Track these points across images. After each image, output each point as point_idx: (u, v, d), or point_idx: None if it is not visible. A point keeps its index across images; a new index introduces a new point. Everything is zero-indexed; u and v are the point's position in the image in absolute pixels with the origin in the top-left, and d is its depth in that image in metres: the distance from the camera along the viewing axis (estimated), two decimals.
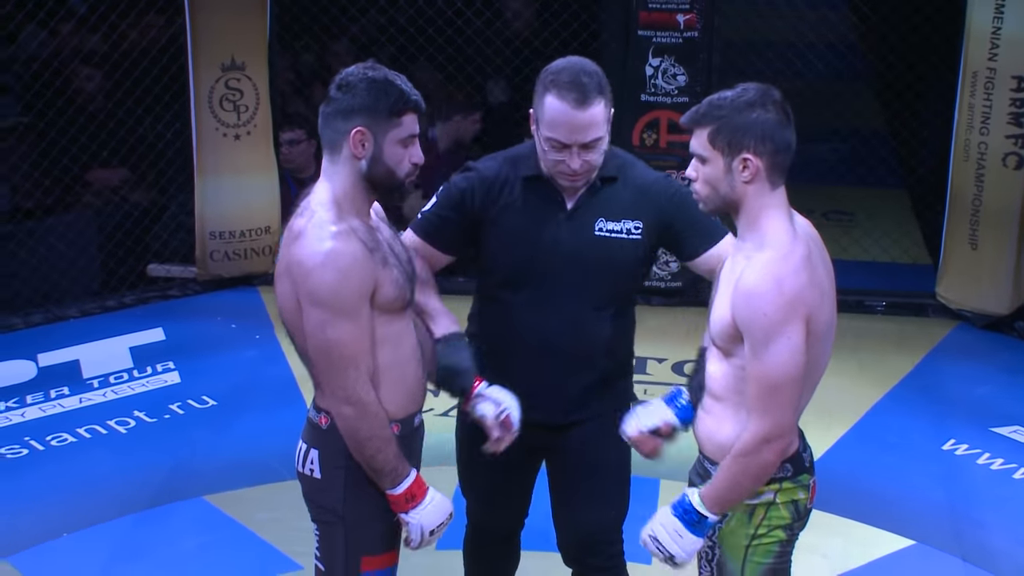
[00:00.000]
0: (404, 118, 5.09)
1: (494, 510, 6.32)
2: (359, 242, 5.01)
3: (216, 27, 10.20)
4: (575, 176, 5.53)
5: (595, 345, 5.85)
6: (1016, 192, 9.81)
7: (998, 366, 9.68)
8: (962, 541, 7.66)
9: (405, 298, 5.21)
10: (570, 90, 5.45)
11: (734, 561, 5.15)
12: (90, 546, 7.55)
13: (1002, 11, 9.57)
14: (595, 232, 5.66)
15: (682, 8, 10.00)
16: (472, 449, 6.01)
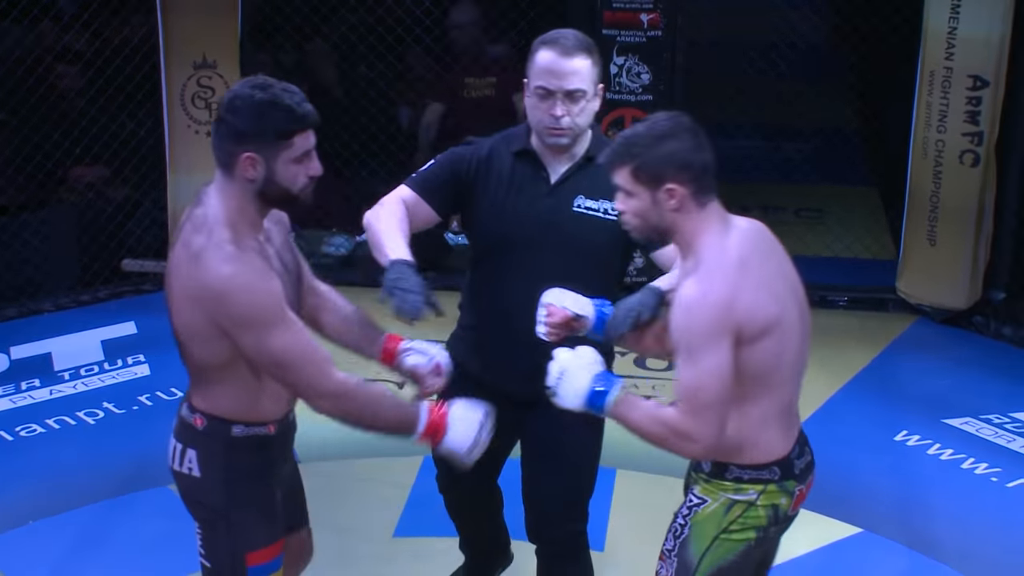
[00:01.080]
0: (295, 139, 5.13)
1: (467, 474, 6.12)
2: (255, 256, 5.13)
3: (187, 26, 10.28)
4: (559, 130, 5.70)
5: None
6: (973, 189, 9.88)
7: (954, 360, 9.80)
8: (908, 529, 7.79)
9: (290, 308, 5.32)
10: (557, 42, 5.69)
11: (697, 546, 5.26)
12: (56, 533, 7.62)
13: (958, 11, 9.66)
14: (573, 207, 5.86)
15: (645, 8, 10.08)
16: None
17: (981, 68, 9.72)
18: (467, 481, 6.44)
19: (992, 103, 9.75)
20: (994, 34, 9.64)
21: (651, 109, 10.12)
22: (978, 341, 10.12)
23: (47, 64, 11.38)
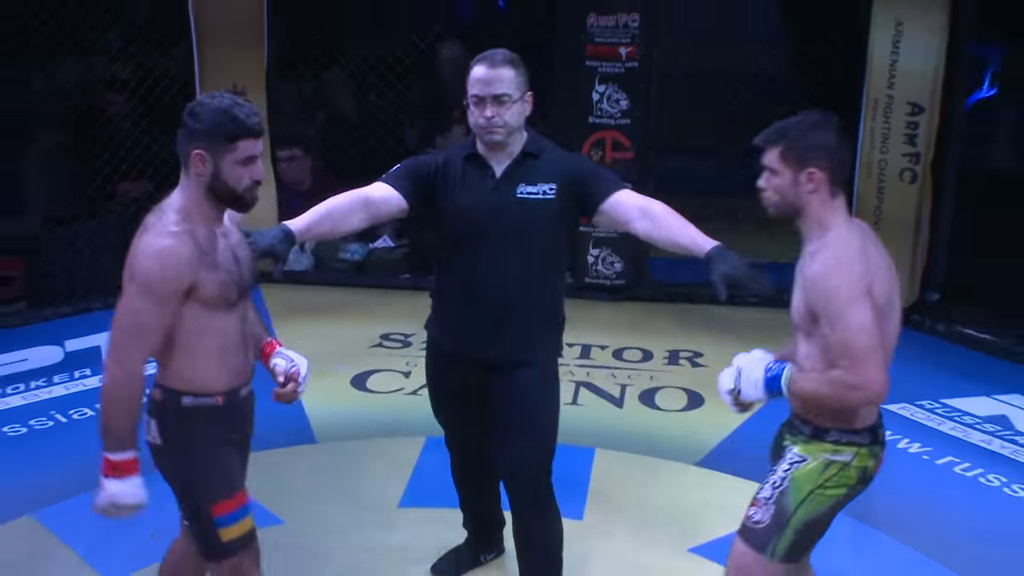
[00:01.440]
0: (239, 143, 5.24)
1: (456, 432, 6.62)
2: (191, 244, 5.19)
3: (220, 57, 10.28)
4: (491, 128, 5.91)
5: (519, 295, 6.11)
6: (911, 203, 9.98)
7: (896, 352, 9.79)
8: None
9: (230, 298, 5.37)
10: (486, 58, 5.97)
11: (795, 497, 5.38)
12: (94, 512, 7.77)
13: (898, 47, 9.76)
14: (516, 195, 5.99)
15: (623, 42, 10.12)
16: (438, 388, 6.58)
17: (918, 96, 9.80)
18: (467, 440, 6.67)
19: (928, 127, 9.83)
20: (929, 66, 9.73)
21: (629, 132, 10.44)
22: (915, 337, 10.04)
23: (98, 92, 11.45)
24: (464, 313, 6.24)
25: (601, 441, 8.33)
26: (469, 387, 6.38)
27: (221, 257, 5.32)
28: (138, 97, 11.13)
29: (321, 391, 8.77)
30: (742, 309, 10.64)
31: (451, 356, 6.39)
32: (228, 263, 5.35)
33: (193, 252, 5.17)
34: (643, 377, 9.40)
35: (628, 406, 9.01)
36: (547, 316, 6.28)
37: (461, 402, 6.50)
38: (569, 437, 7.44)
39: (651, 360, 9.69)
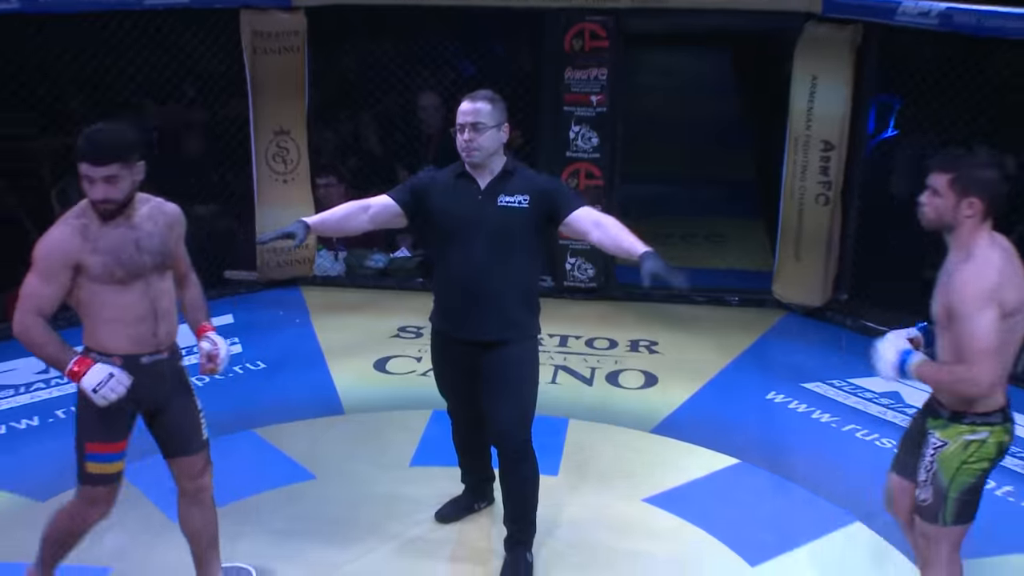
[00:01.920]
0: (79, 165, 5.41)
1: (456, 402, 6.74)
2: (75, 234, 5.46)
3: (269, 105, 10.21)
4: (469, 150, 6.12)
5: (501, 283, 6.25)
6: (824, 222, 9.92)
7: (811, 342, 9.85)
8: (772, 460, 7.89)
9: (115, 276, 5.49)
10: (469, 94, 6.19)
11: (946, 476, 5.44)
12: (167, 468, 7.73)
13: (814, 96, 9.72)
14: (498, 204, 6.15)
15: (594, 91, 10.10)
16: (439, 365, 6.69)
17: (830, 136, 9.74)
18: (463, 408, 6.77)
19: (837, 161, 9.80)
20: (838, 112, 9.70)
21: (599, 164, 10.37)
22: (828, 329, 10.12)
23: (176, 131, 11.42)
24: (457, 301, 6.37)
25: (574, 413, 8.42)
26: (463, 364, 6.48)
27: (108, 245, 5.48)
28: (208, 135, 11.17)
29: (349, 372, 9.04)
30: (689, 307, 10.53)
31: (448, 338, 6.51)
32: (118, 250, 5.50)
33: (74, 239, 5.44)
34: (609, 361, 9.39)
35: (596, 384, 9.02)
36: (523, 302, 6.36)
37: (458, 376, 6.60)
38: (548, 410, 7.84)
39: (616, 348, 9.67)
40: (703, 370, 9.26)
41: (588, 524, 7.08)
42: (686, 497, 7.41)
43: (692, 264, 11.10)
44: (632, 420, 8.43)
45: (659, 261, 5.83)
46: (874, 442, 8.22)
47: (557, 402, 8.51)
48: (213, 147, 11.05)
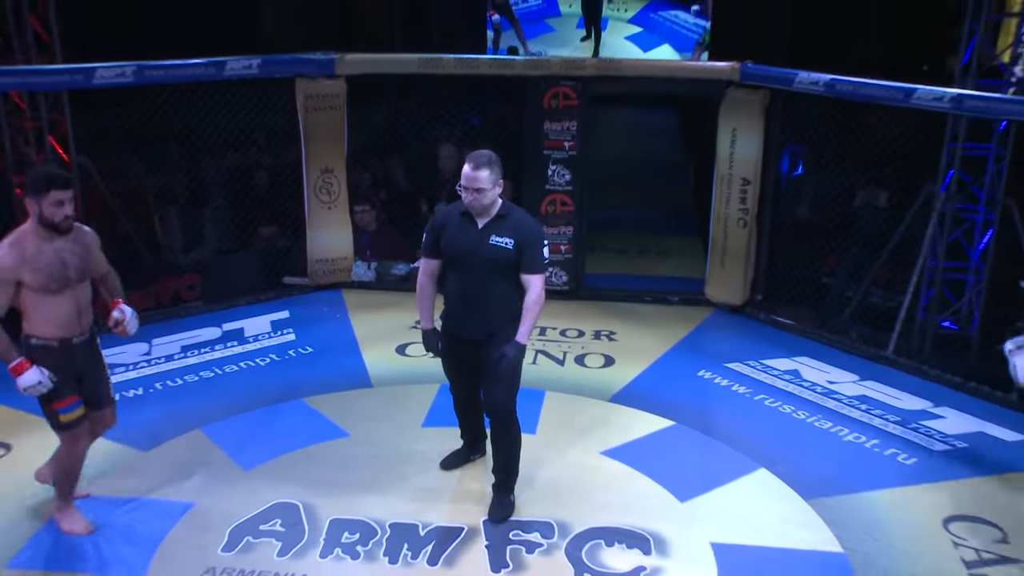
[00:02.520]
0: (51, 192, 5.72)
1: (456, 382, 6.78)
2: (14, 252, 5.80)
3: (317, 149, 10.10)
4: (472, 205, 6.17)
5: (490, 300, 6.33)
6: (743, 240, 9.82)
7: (733, 332, 9.83)
8: (701, 422, 7.91)
9: (50, 287, 5.83)
10: (472, 159, 6.13)
11: None
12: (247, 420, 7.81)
13: (735, 144, 9.65)
14: (490, 241, 6.21)
15: (567, 139, 10.01)
16: (445, 354, 6.69)
17: (747, 174, 9.71)
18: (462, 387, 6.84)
19: (753, 193, 9.71)
20: (753, 156, 9.65)
21: (570, 194, 10.23)
22: (747, 323, 10.03)
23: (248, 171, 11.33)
24: (459, 309, 6.47)
25: (549, 386, 8.42)
26: (462, 354, 6.58)
27: (45, 262, 5.82)
28: (272, 173, 11.14)
29: (376, 355, 8.96)
30: (640, 305, 10.35)
31: (452, 335, 6.59)
32: (51, 267, 5.85)
33: (13, 256, 5.78)
34: (577, 347, 9.32)
35: (567, 365, 8.96)
36: (507, 314, 6.38)
37: (458, 363, 6.69)
38: (529, 383, 7.60)
39: (583, 336, 9.57)
40: (649, 354, 9.20)
41: (558, 471, 7.14)
42: (633, 450, 7.47)
43: (643, 271, 11.20)
44: (594, 392, 8.42)
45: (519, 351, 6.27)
46: (777, 408, 8.26)
47: (536, 378, 8.50)
48: (275, 182, 11.03)
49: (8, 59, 8.89)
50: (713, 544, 6.40)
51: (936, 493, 7.06)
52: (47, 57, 9.05)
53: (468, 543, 6.38)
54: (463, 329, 6.52)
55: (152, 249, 10.72)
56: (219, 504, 6.71)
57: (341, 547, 6.33)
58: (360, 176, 11.33)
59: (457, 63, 10.08)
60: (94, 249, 6.21)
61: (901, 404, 8.36)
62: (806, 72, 9.12)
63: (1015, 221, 8.92)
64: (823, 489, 7.02)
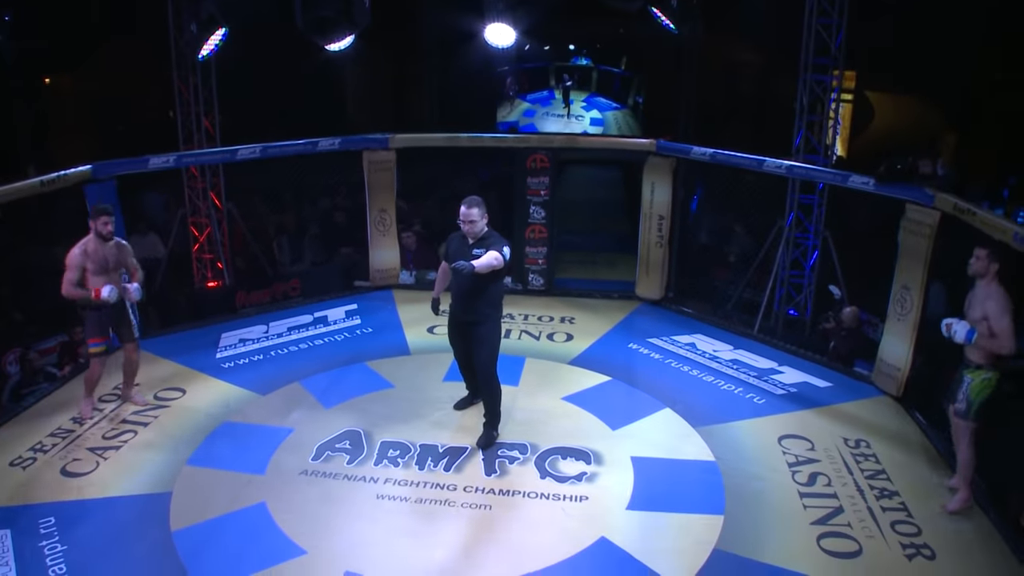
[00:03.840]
0: (101, 218, 6.53)
1: (457, 351, 6.76)
2: (81, 251, 6.52)
3: (376, 194, 10.01)
4: (468, 232, 6.29)
5: (475, 295, 6.35)
6: (660, 256, 9.74)
7: (654, 317, 9.58)
8: (627, 377, 7.88)
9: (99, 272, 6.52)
10: (464, 204, 6.26)
11: (973, 397, 5.66)
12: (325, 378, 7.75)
13: (653, 192, 9.56)
14: (473, 253, 6.23)
15: (542, 189, 9.92)
16: (450, 331, 6.69)
17: (662, 212, 9.67)
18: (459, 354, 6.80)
19: (666, 225, 9.64)
20: (665, 200, 9.55)
21: (545, 225, 10.06)
22: (662, 311, 9.76)
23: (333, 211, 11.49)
24: (456, 300, 6.49)
25: (529, 354, 8.33)
26: (460, 332, 6.64)
27: (98, 257, 6.53)
28: (347, 213, 11.15)
29: (414, 333, 8.86)
30: (592, 300, 10.04)
31: (453, 318, 6.63)
32: (102, 261, 6.55)
33: (82, 254, 6.49)
34: (548, 327, 9.12)
35: (540, 339, 8.80)
36: (488, 303, 6.42)
37: (457, 337, 6.70)
38: (514, 352, 8.01)
39: (552, 321, 9.33)
40: (597, 332, 9.07)
41: (532, 411, 7.15)
42: (583, 395, 7.47)
43: (597, 276, 11.05)
44: (559, 357, 8.32)
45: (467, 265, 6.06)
46: (679, 368, 8.19)
47: (520, 348, 8.46)
48: (350, 218, 10.95)
49: (189, 144, 9.60)
50: (632, 457, 6.47)
51: (775, 421, 7.22)
52: (211, 143, 9.68)
53: (470, 457, 6.47)
54: (460, 314, 6.53)
55: (271, 263, 10.84)
56: (309, 430, 6.82)
57: (387, 459, 6.42)
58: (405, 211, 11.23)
59: (468, 139, 10.15)
60: (127, 255, 6.83)
61: (759, 364, 8.38)
62: (699, 147, 9.19)
63: (830, 245, 9.17)
64: (704, 420, 7.08)
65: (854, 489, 6.18)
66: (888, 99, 13.50)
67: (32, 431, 6.78)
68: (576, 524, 5.67)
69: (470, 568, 5.22)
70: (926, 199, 7.31)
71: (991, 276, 5.72)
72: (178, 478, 6.08)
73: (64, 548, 5.27)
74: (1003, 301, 5.61)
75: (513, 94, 14.55)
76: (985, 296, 5.68)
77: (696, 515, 5.78)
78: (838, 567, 5.34)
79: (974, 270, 5.78)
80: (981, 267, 5.75)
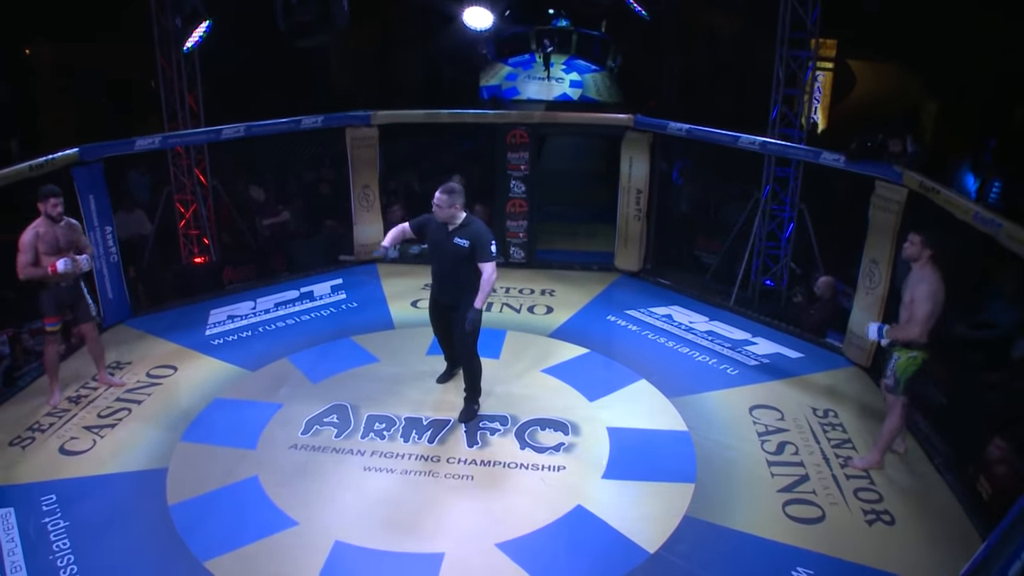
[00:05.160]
0: (50, 199, 6.54)
1: (436, 329, 6.92)
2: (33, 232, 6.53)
3: (359, 171, 10.08)
4: (437, 215, 6.38)
5: (457, 279, 6.46)
6: (638, 229, 9.94)
7: (632, 289, 9.72)
8: (605, 348, 7.96)
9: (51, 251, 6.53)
10: (440, 189, 6.33)
11: (900, 374, 5.82)
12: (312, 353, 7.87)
13: (631, 167, 9.78)
14: (453, 241, 6.37)
15: (522, 164, 10.06)
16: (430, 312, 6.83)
17: (640, 186, 9.83)
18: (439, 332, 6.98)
19: (644, 199, 9.86)
20: (643, 175, 9.79)
21: (526, 199, 10.23)
22: (640, 283, 9.91)
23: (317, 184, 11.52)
24: (436, 283, 6.64)
25: (509, 326, 8.47)
26: (439, 312, 6.79)
27: (50, 237, 6.53)
28: (332, 186, 11.17)
29: (398, 307, 8.99)
30: (571, 272, 10.17)
31: (433, 300, 6.80)
32: (53, 241, 6.55)
33: (34, 236, 6.51)
34: (529, 300, 9.26)
35: (522, 312, 8.92)
36: (466, 287, 6.48)
37: (436, 318, 6.87)
38: (495, 325, 8.14)
39: (533, 293, 9.47)
40: (576, 304, 9.17)
41: (512, 383, 7.31)
42: (562, 367, 7.60)
43: (578, 248, 11.05)
44: (539, 330, 8.43)
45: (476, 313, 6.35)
46: (655, 340, 8.32)
47: (501, 321, 8.57)
48: (335, 191, 10.95)
49: (174, 123, 9.58)
50: (608, 427, 6.64)
51: (747, 392, 7.39)
52: (196, 122, 9.72)
53: (453, 430, 6.64)
54: (440, 296, 6.67)
55: (256, 237, 10.89)
56: (298, 405, 6.95)
57: (374, 432, 6.58)
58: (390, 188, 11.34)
59: (449, 115, 10.28)
60: (77, 233, 6.83)
61: (733, 336, 8.54)
62: (675, 123, 9.33)
63: (805, 218, 9.37)
64: (679, 391, 7.24)
65: (820, 458, 6.37)
66: (869, 67, 13.54)
67: (28, 411, 6.92)
68: (554, 493, 5.85)
69: (453, 536, 5.43)
70: (894, 176, 7.52)
71: (924, 260, 5.83)
72: (173, 454, 6.26)
73: (67, 524, 5.46)
74: (932, 287, 5.64)
75: (494, 59, 14.64)
76: (918, 280, 5.81)
77: (668, 483, 5.96)
78: (802, 532, 5.52)
79: (907, 254, 5.92)
80: (914, 252, 5.87)
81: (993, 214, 6.07)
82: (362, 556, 5.25)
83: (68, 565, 5.13)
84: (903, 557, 5.38)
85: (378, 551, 5.29)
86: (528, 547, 5.33)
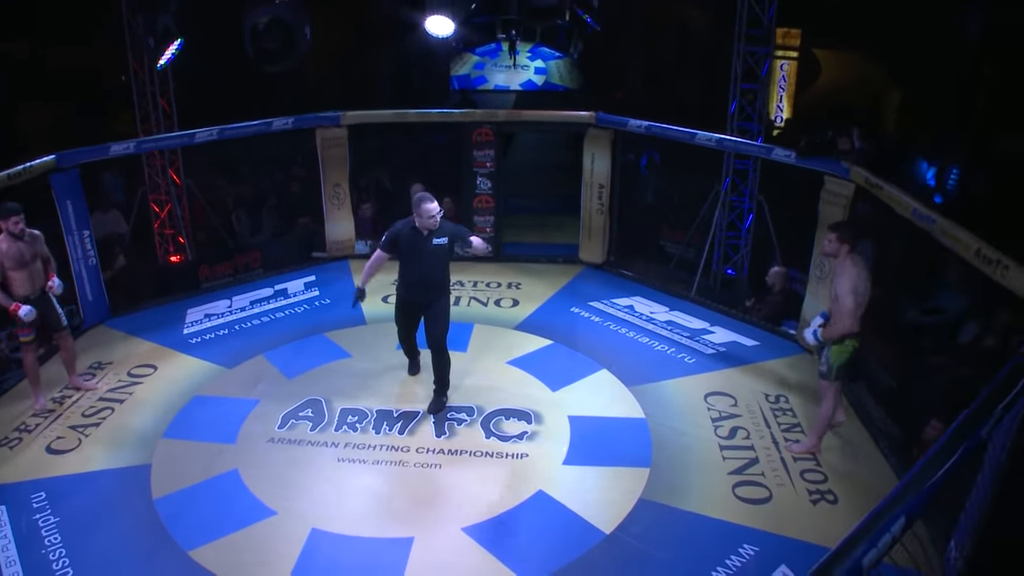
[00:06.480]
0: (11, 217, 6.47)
1: (403, 327, 7.02)
2: None
3: (330, 169, 10.26)
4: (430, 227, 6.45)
5: (435, 278, 6.61)
6: (601, 222, 10.11)
7: (595, 281, 9.87)
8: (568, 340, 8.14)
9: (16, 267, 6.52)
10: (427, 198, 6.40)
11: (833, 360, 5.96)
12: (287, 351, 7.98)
13: (594, 162, 9.97)
14: (433, 242, 6.48)
15: (488, 161, 10.26)
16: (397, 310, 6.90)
17: (602, 181, 10.00)
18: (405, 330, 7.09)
19: (607, 193, 10.03)
20: (605, 170, 9.98)
21: (492, 195, 10.44)
22: (603, 274, 10.04)
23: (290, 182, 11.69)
24: (414, 284, 6.69)
25: (477, 320, 8.60)
26: (411, 311, 6.90)
27: (13, 253, 6.50)
28: (303, 184, 11.25)
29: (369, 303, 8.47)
30: (537, 264, 10.31)
31: (404, 299, 6.88)
32: (17, 256, 6.53)
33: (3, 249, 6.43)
34: (496, 293, 9.37)
35: (488, 306, 9.05)
36: (442, 285, 6.71)
37: (405, 316, 6.97)
38: (463, 319, 8.28)
39: (500, 287, 9.57)
40: (541, 297, 9.27)
41: (478, 376, 7.43)
42: (526, 360, 7.74)
43: (544, 240, 11.14)
44: (505, 323, 8.55)
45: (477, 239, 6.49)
46: (617, 330, 8.45)
47: (469, 315, 8.68)
48: (307, 188, 11.00)
49: (146, 124, 9.73)
50: (569, 416, 6.81)
51: (703, 380, 7.54)
52: (169, 123, 9.84)
53: (422, 421, 6.80)
54: (416, 295, 6.76)
55: (231, 235, 11.04)
56: (274, 400, 7.09)
57: (347, 425, 6.72)
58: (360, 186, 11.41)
59: (416, 115, 10.45)
60: (40, 244, 6.81)
61: (692, 325, 8.71)
62: (635, 120, 9.55)
63: (764, 209, 9.69)
64: (638, 380, 7.39)
65: (770, 441, 6.57)
66: (833, 56, 13.66)
67: (13, 412, 7.01)
68: (517, 479, 6.03)
69: (423, 521, 5.62)
70: (842, 172, 7.82)
71: (843, 256, 6.05)
72: (156, 450, 6.41)
73: (57, 520, 5.63)
74: (852, 281, 5.79)
75: (462, 49, 14.88)
76: (839, 274, 5.90)
77: (625, 468, 6.16)
78: (750, 512, 5.73)
79: (826, 251, 6.15)
80: (832, 249, 6.06)
81: (930, 210, 6.37)
82: (337, 542, 5.42)
83: (60, 558, 5.28)
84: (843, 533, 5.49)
85: (352, 537, 5.46)
86: (492, 530, 5.51)
